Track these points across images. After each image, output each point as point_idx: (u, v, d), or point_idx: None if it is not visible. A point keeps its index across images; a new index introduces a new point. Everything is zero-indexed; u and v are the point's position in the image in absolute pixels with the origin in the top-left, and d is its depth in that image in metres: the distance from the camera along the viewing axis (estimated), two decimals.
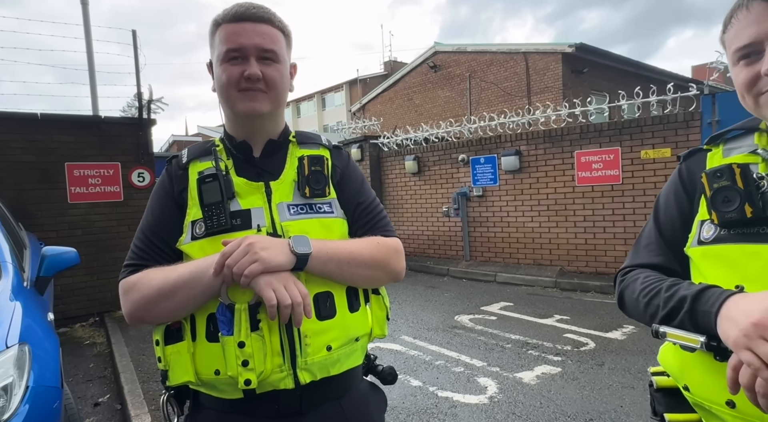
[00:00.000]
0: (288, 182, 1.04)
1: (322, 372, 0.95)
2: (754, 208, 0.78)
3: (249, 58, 0.98)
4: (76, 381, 3.74)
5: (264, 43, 0.98)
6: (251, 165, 1.06)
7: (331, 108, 34.44)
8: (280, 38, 1.02)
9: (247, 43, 0.97)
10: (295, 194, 1.03)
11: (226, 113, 1.07)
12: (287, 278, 0.88)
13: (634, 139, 6.11)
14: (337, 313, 0.97)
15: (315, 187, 1.03)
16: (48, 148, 5.44)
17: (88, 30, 6.51)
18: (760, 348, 0.63)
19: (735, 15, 0.81)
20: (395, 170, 9.27)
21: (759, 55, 0.77)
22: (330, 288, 0.97)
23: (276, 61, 1.01)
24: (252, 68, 0.97)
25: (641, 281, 0.89)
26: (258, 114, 1.01)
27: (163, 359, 0.94)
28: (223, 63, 0.99)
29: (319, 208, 1.03)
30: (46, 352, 1.93)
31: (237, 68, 0.98)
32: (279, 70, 1.01)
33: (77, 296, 5.56)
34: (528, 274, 6.92)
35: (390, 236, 1.09)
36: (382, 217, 1.12)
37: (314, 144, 1.13)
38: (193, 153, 1.07)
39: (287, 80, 1.06)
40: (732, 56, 0.82)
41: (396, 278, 1.08)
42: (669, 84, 6.15)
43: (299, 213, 1.00)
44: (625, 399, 3.09)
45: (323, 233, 1.00)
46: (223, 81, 0.99)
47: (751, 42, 0.77)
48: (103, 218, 5.74)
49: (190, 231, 0.98)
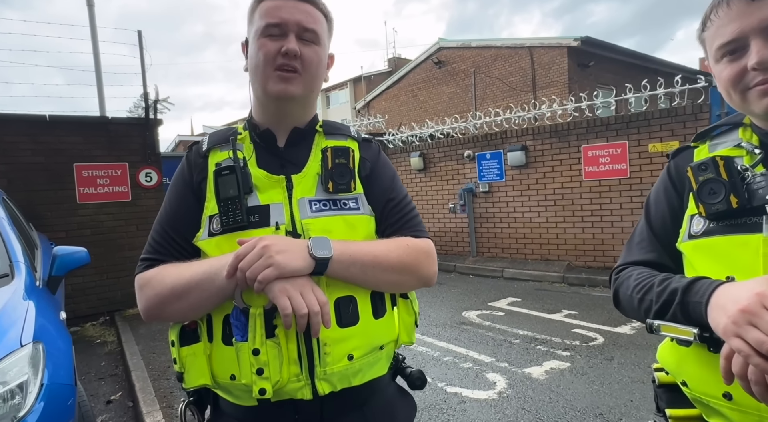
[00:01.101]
0: (311, 176, 0.97)
1: (343, 382, 0.89)
2: (740, 199, 0.78)
3: (288, 35, 0.92)
4: (88, 379, 3.78)
5: (306, 21, 0.93)
6: (274, 155, 0.99)
7: (336, 106, 34.42)
8: (322, 20, 0.97)
9: (288, 18, 0.91)
10: (318, 189, 0.95)
11: (256, 93, 0.99)
12: (304, 285, 0.82)
13: (641, 132, 6.05)
14: (360, 320, 0.90)
15: (339, 181, 0.95)
16: (57, 149, 5.49)
17: (94, 31, 6.55)
18: (749, 333, 0.63)
19: (715, 12, 0.81)
20: (401, 166, 9.26)
21: (743, 51, 0.77)
22: (353, 293, 0.90)
23: (315, 43, 0.95)
24: (290, 44, 0.91)
25: (634, 278, 0.90)
26: (290, 97, 0.94)
27: (179, 360, 0.90)
28: (261, 38, 0.93)
29: (344, 204, 0.95)
30: (60, 350, 1.96)
31: (275, 44, 0.91)
32: (318, 53, 0.96)
33: (87, 295, 5.62)
34: (535, 269, 6.89)
35: (421, 236, 1.01)
36: (413, 216, 1.03)
37: (342, 135, 1.04)
38: (213, 140, 1.01)
39: (324, 67, 1.00)
40: (714, 54, 0.82)
41: (427, 283, 1.00)
42: (677, 76, 6.09)
43: (322, 210, 0.93)
44: (635, 394, 3.08)
45: (347, 232, 0.93)
46: (259, 57, 0.93)
47: (734, 38, 0.78)
48: (111, 218, 5.79)
49: (207, 227, 0.93)
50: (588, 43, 13.46)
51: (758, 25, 0.75)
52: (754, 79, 0.77)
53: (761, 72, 0.75)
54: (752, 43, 0.76)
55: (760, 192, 0.77)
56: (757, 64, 0.75)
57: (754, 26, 0.75)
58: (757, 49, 0.75)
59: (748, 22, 0.76)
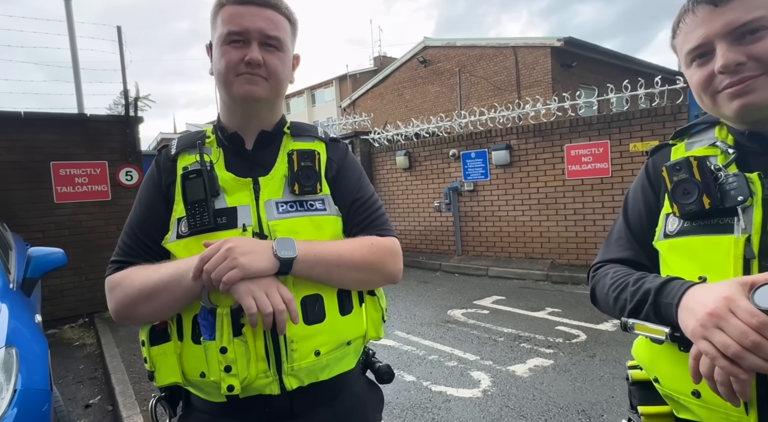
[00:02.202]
0: (278, 178, 0.99)
1: (310, 377, 0.92)
2: (712, 199, 0.79)
3: (251, 43, 0.93)
4: (66, 383, 3.69)
5: (268, 28, 0.94)
6: (242, 158, 1.01)
7: (321, 104, 34.27)
8: (285, 25, 0.98)
9: (250, 26, 0.92)
10: (285, 191, 0.97)
11: (223, 97, 1.01)
12: (269, 285, 0.83)
13: (622, 132, 6.15)
14: (326, 317, 0.93)
15: (305, 183, 0.97)
16: (33, 147, 5.34)
17: (72, 26, 6.40)
18: (716, 336, 0.64)
19: (683, 20, 0.83)
20: (386, 165, 9.26)
21: (711, 55, 0.79)
22: (319, 291, 0.93)
23: (279, 49, 0.96)
24: (253, 53, 0.92)
25: (611, 276, 0.91)
26: (255, 99, 0.96)
27: (149, 360, 0.92)
28: (224, 45, 0.94)
29: (311, 205, 0.98)
30: (34, 354, 1.90)
31: (238, 52, 0.93)
32: (281, 59, 0.97)
33: (65, 297, 5.49)
34: (519, 268, 6.96)
35: (386, 235, 1.03)
36: (379, 215, 1.06)
37: (309, 137, 1.06)
38: (182, 144, 1.02)
39: (289, 70, 1.01)
40: (684, 59, 0.84)
41: (392, 280, 1.03)
42: (656, 77, 6.20)
43: (288, 211, 0.95)
44: (617, 390, 3.12)
45: (314, 232, 0.95)
46: (222, 64, 0.94)
47: (700, 43, 0.79)
48: (90, 218, 5.66)
49: (175, 229, 0.94)
50: (571, 43, 13.63)
51: (722, 30, 0.76)
52: (722, 83, 0.78)
53: (728, 75, 0.77)
54: (717, 48, 0.77)
55: (732, 193, 0.77)
56: (722, 68, 0.76)
57: (718, 31, 0.77)
58: (722, 53, 0.76)
59: (713, 28, 0.77)
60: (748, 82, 0.75)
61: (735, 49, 0.75)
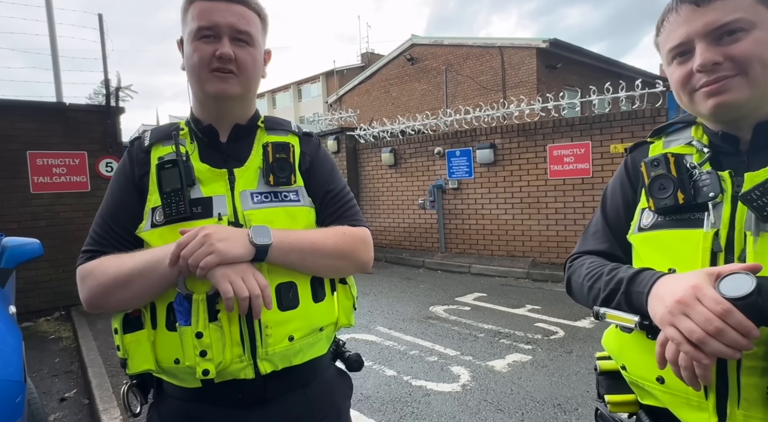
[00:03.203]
0: (253, 170, 1.00)
1: (284, 362, 0.94)
2: (686, 195, 0.82)
3: (222, 38, 0.94)
4: (40, 377, 3.62)
5: (238, 23, 0.95)
6: (217, 150, 1.02)
7: (308, 99, 34.04)
8: (255, 21, 0.99)
9: (220, 21, 0.93)
10: (260, 182, 0.99)
11: (195, 93, 1.02)
12: (245, 270, 0.85)
13: (603, 133, 6.27)
14: (300, 303, 0.95)
15: (280, 175, 0.99)
16: (8, 135, 5.20)
17: (51, 12, 6.23)
18: (682, 323, 0.67)
19: (666, 18, 0.85)
20: (372, 162, 9.26)
21: (691, 54, 0.81)
22: (293, 278, 0.95)
23: (250, 44, 0.97)
24: (224, 48, 0.93)
25: (586, 267, 0.94)
26: (228, 96, 0.97)
27: (122, 347, 0.93)
28: (195, 41, 0.95)
29: (285, 196, 1.00)
30: (8, 345, 1.87)
31: (209, 47, 0.94)
32: (252, 54, 0.98)
33: (41, 289, 5.38)
34: (501, 265, 7.05)
35: (358, 225, 1.06)
36: (350, 206, 1.09)
37: (282, 131, 1.09)
38: (155, 136, 1.02)
39: (260, 65, 1.02)
40: (666, 57, 0.87)
41: (363, 269, 1.06)
42: (637, 81, 6.33)
43: (263, 202, 0.97)
44: (591, 385, 3.20)
45: (288, 222, 0.97)
46: (194, 60, 0.95)
47: (681, 42, 0.82)
48: (68, 209, 5.54)
49: (150, 218, 0.95)
50: (556, 45, 13.79)
51: (702, 30, 0.79)
52: (699, 81, 0.80)
53: (705, 74, 0.79)
54: (697, 47, 0.80)
55: (704, 190, 0.81)
56: (700, 67, 0.79)
57: (699, 30, 0.79)
58: (701, 52, 0.79)
59: (693, 27, 0.80)
60: (724, 82, 0.78)
61: (713, 49, 0.78)
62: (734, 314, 0.63)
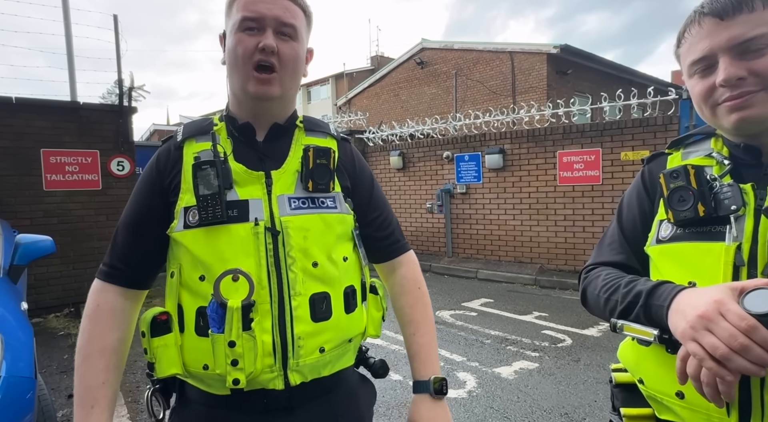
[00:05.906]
0: (291, 173, 0.97)
1: (313, 373, 0.93)
2: (706, 207, 0.81)
3: (266, 30, 0.91)
4: (49, 373, 3.66)
5: (284, 16, 0.92)
6: (252, 149, 0.98)
7: (317, 101, 34.15)
8: (300, 15, 0.97)
9: (266, 12, 0.91)
10: (297, 187, 0.96)
11: (233, 89, 0.98)
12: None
13: (614, 140, 6.22)
14: (332, 315, 0.94)
15: (319, 181, 0.96)
16: (23, 133, 5.27)
17: (67, 11, 6.33)
18: (705, 338, 0.65)
19: (688, 30, 0.84)
20: (380, 165, 9.27)
21: (713, 68, 0.80)
22: (327, 289, 0.94)
23: (293, 39, 0.95)
24: (267, 40, 0.90)
25: (602, 279, 0.92)
26: (269, 98, 0.95)
27: (150, 351, 0.92)
28: (238, 32, 0.92)
29: (322, 202, 0.97)
30: (20, 342, 1.89)
31: (252, 39, 0.91)
32: (295, 49, 0.95)
33: (52, 286, 5.43)
34: (508, 271, 7.01)
35: (407, 249, 1.15)
36: (396, 225, 1.14)
37: (322, 133, 1.05)
38: (189, 131, 0.99)
39: (302, 63, 0.99)
40: (688, 69, 0.86)
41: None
42: (649, 88, 6.28)
43: (300, 207, 0.95)
44: (599, 394, 3.17)
45: (323, 230, 0.96)
46: (237, 52, 0.92)
47: (704, 55, 0.81)
48: (80, 207, 5.60)
49: (182, 218, 0.92)
50: (567, 51, 13.73)
51: (726, 44, 0.78)
52: (722, 96, 0.79)
53: (728, 89, 0.78)
54: (720, 61, 0.79)
55: (725, 202, 0.79)
56: (723, 82, 0.78)
57: (722, 45, 0.78)
58: (724, 67, 0.78)
59: (717, 41, 0.79)
60: (747, 96, 0.77)
61: (737, 64, 0.77)
62: (760, 331, 0.62)
